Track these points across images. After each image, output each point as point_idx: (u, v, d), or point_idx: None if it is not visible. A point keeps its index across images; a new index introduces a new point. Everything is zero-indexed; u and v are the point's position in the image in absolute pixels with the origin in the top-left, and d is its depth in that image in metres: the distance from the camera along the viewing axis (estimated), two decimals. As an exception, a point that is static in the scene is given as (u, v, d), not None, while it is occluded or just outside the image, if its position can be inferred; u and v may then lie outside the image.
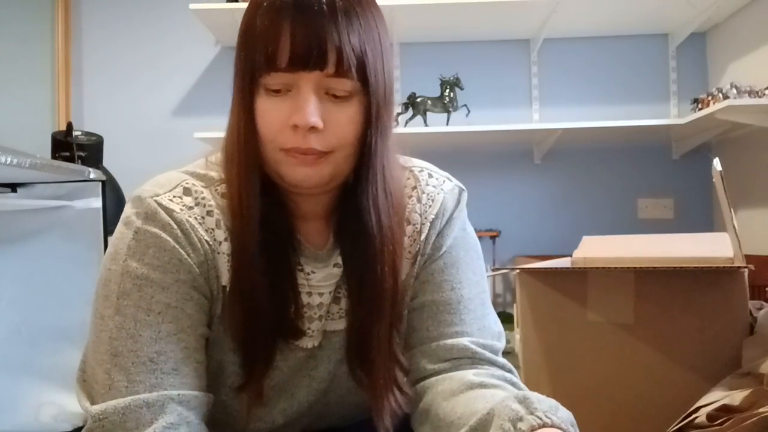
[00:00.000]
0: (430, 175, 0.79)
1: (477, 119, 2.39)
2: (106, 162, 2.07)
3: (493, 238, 2.44)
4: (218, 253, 0.67)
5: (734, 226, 1.14)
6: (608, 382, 1.17)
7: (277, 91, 0.64)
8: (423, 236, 0.75)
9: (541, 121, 2.51)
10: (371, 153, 0.67)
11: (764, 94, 1.95)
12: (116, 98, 2.55)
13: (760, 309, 1.13)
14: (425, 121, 2.31)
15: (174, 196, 0.66)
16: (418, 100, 2.32)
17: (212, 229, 0.67)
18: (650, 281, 1.14)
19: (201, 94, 2.55)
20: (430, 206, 0.76)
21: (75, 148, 1.88)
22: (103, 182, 1.63)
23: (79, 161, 1.87)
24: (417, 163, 0.80)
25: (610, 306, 1.17)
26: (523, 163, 2.56)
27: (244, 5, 0.73)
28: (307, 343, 0.71)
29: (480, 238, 1.15)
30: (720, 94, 2.03)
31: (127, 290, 0.62)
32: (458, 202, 0.78)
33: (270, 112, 0.64)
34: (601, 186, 2.54)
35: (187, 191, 0.67)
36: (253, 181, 0.66)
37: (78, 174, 1.56)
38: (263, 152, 0.66)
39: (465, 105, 2.36)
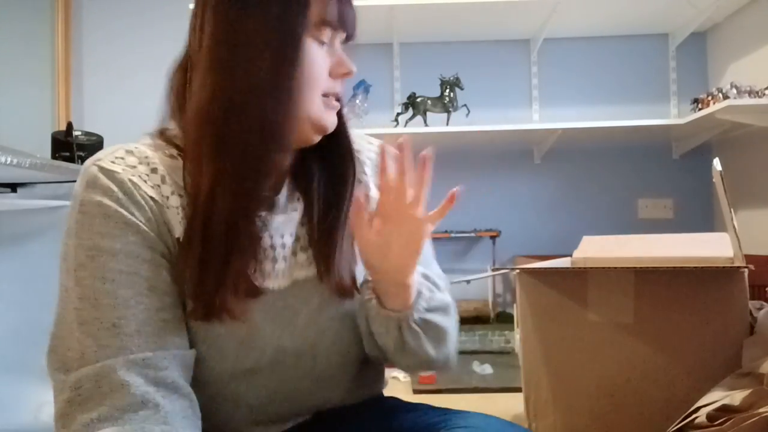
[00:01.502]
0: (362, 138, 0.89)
1: (477, 119, 2.39)
2: (106, 162, 2.07)
3: (493, 238, 2.44)
4: (167, 207, 0.68)
5: (734, 226, 1.14)
6: (608, 382, 1.17)
7: (320, 43, 0.71)
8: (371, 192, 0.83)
9: (541, 121, 2.51)
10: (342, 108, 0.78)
11: (764, 94, 1.96)
12: (116, 98, 2.56)
13: (760, 309, 1.13)
14: (425, 121, 2.31)
15: (116, 158, 0.69)
16: (418, 100, 2.32)
17: (158, 185, 0.69)
18: (650, 281, 1.14)
19: (201, 94, 2.55)
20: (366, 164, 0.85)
21: (75, 148, 1.88)
22: (103, 182, 1.63)
23: (79, 161, 1.87)
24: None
25: (610, 306, 1.17)
26: (523, 163, 2.56)
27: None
28: (274, 284, 0.73)
29: (480, 238, 1.16)
30: (720, 94, 2.03)
31: (82, 262, 0.65)
32: None
33: (320, 60, 0.71)
34: (601, 186, 2.54)
35: (129, 153, 0.70)
36: (295, 128, 0.70)
37: (78, 174, 1.56)
38: (304, 98, 0.70)
39: (465, 105, 2.36)
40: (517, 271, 1.30)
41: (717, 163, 1.18)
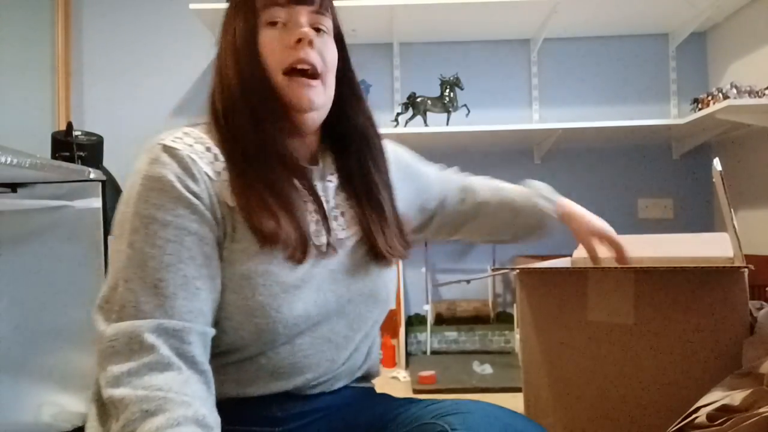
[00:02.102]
0: None
1: (477, 119, 2.39)
2: (106, 162, 2.07)
3: (493, 238, 2.44)
4: (220, 181, 0.78)
5: (734, 226, 1.14)
6: (608, 382, 1.17)
7: (275, 24, 0.82)
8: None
9: (541, 121, 2.51)
10: (344, 88, 0.88)
11: (764, 94, 1.95)
12: (116, 98, 2.55)
13: (760, 309, 1.13)
14: (425, 121, 2.31)
15: (176, 137, 0.79)
16: (418, 100, 2.32)
17: (212, 162, 0.79)
18: (650, 281, 1.14)
19: (201, 95, 2.53)
20: None
21: (75, 148, 1.88)
22: (103, 182, 1.63)
23: (79, 161, 1.87)
24: None
25: (610, 306, 1.17)
26: (523, 163, 2.56)
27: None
28: (317, 240, 0.83)
29: (480, 237, 1.15)
30: (720, 94, 2.03)
31: (137, 228, 0.73)
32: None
33: (275, 40, 0.81)
34: (601, 186, 2.54)
35: (186, 134, 0.81)
36: (263, 102, 0.81)
37: (78, 174, 1.56)
38: (270, 82, 0.81)
39: (465, 105, 2.36)
40: (517, 271, 1.30)
41: (717, 163, 1.18)
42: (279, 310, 0.77)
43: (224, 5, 0.88)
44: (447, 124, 2.33)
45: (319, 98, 0.83)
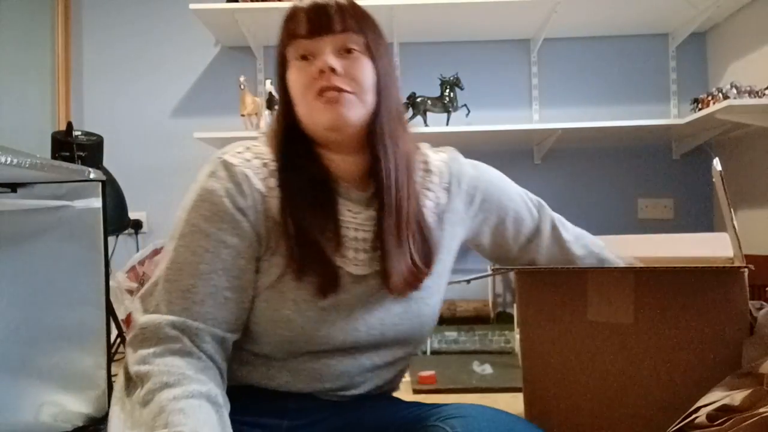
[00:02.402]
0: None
1: (477, 119, 2.39)
2: (106, 162, 2.07)
3: (493, 238, 2.44)
4: (270, 197, 0.82)
5: (734, 226, 1.14)
6: (608, 382, 1.17)
7: (304, 58, 0.82)
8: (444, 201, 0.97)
9: (541, 121, 2.51)
10: (381, 108, 0.84)
11: (764, 94, 1.96)
12: (116, 98, 2.55)
13: (760, 309, 1.13)
14: (425, 121, 2.31)
15: (236, 152, 0.84)
16: (418, 100, 2.32)
17: (266, 178, 0.83)
18: (650, 281, 1.14)
19: (201, 94, 2.55)
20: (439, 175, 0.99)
21: (75, 148, 1.87)
22: (103, 182, 1.63)
23: (79, 161, 1.87)
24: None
25: (610, 306, 1.17)
26: (523, 163, 2.56)
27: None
28: (356, 270, 0.84)
29: (480, 238, 1.13)
30: (720, 94, 2.03)
31: (184, 234, 0.80)
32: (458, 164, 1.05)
33: (300, 73, 0.83)
34: (601, 186, 2.54)
35: (247, 149, 0.85)
36: (286, 130, 0.85)
37: (78, 174, 1.55)
38: (300, 111, 0.83)
39: (465, 105, 2.36)
40: (517, 270, 1.30)
41: (717, 163, 1.18)
42: (303, 327, 0.81)
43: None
44: (447, 124, 2.33)
45: (351, 111, 0.81)
